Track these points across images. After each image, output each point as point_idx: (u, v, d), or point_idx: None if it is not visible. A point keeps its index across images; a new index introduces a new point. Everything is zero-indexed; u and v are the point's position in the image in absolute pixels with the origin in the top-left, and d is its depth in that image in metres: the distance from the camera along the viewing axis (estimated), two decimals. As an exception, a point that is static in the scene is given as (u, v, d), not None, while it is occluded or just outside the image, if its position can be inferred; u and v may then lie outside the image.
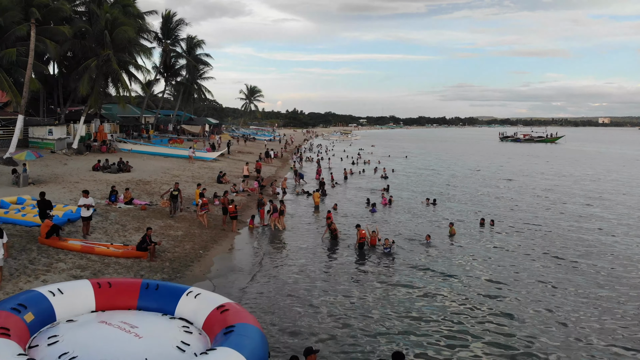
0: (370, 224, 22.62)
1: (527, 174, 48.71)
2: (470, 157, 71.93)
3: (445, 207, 29.02)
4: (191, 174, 34.89)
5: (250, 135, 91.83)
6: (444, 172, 49.93)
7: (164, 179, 31.18)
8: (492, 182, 41.84)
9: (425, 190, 36.11)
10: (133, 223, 19.85)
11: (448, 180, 42.81)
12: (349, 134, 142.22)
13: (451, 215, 26.60)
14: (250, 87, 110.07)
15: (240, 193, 29.42)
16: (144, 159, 40.32)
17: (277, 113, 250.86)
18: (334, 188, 35.93)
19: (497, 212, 27.52)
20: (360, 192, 34.73)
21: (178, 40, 58.06)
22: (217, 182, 32.48)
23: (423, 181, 41.89)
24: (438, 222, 24.83)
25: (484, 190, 36.40)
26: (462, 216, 26.40)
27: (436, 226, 23.78)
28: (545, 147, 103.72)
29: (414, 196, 33.06)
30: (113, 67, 37.76)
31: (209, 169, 38.85)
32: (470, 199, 32.18)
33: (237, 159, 50.48)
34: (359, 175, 45.52)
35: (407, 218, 25.47)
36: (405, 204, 29.84)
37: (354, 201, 30.90)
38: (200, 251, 17.29)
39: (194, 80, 69.85)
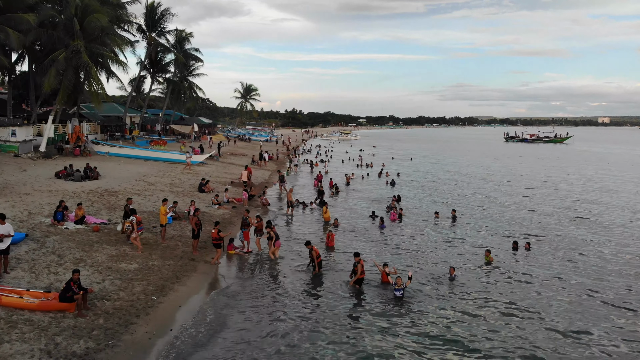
0: (383, 263, 18.04)
1: (546, 180, 44.22)
2: (478, 160, 67.42)
3: (464, 222, 24.46)
4: (170, 181, 30.37)
5: (245, 135, 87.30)
6: (454, 177, 45.39)
7: (135, 188, 26.66)
8: (510, 190, 37.23)
9: (439, 200, 31.61)
10: (75, 252, 15.33)
11: (461, 187, 38.28)
12: (348, 134, 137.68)
13: (472, 234, 22.08)
14: (246, 86, 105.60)
15: (223, 205, 24.88)
16: (121, 163, 35.83)
17: (276, 113, 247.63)
18: (333, 197, 31.44)
19: (527, 231, 22.99)
20: (364, 201, 30.23)
21: (164, 33, 53.52)
22: (198, 191, 27.99)
23: (433, 189, 37.34)
24: (461, 244, 20.31)
25: (504, 200, 31.70)
26: (487, 236, 21.87)
27: (460, 251, 19.25)
28: (554, 148, 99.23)
29: (425, 207, 28.56)
30: (83, 59, 33.16)
31: (193, 175, 34.34)
32: (490, 213, 27.55)
33: (228, 162, 46.01)
34: (362, 180, 41.03)
35: (423, 240, 20.82)
36: (417, 217, 25.27)
37: (358, 212, 26.40)
38: (153, 296, 12.75)
39: (183, 77, 65.37)
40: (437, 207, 28.03)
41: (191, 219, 17.15)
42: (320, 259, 15.90)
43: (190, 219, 17.15)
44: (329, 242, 18.69)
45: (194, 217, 17.21)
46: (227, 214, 23.51)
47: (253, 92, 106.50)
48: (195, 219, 16.94)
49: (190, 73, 65.94)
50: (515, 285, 15.29)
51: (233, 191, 29.71)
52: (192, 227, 16.87)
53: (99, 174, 28.56)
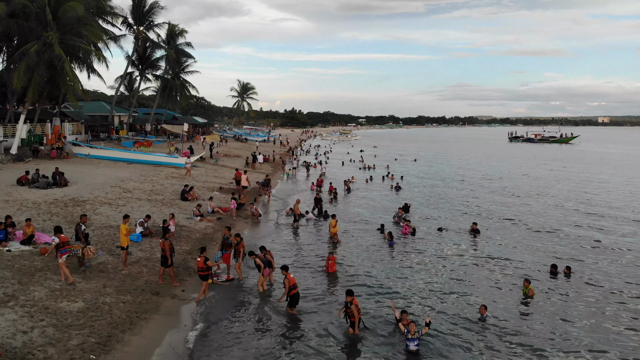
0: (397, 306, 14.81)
1: (564, 181, 41.01)
2: (486, 161, 64.20)
3: (487, 237, 21.18)
4: (151, 188, 27.12)
5: (241, 135, 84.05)
6: (464, 180, 42.14)
7: (108, 196, 23.41)
8: (535, 197, 33.88)
9: (453, 209, 28.37)
10: (8, 285, 12.08)
11: (475, 193, 35.02)
12: (348, 134, 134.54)
13: (500, 252, 18.84)
14: (242, 84, 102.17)
15: (207, 217, 21.62)
16: (100, 167, 32.59)
17: (275, 113, 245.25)
18: (332, 203, 28.23)
19: (565, 249, 19.77)
20: (368, 210, 26.99)
21: (152, 27, 50.13)
22: (181, 199, 24.76)
23: (444, 195, 34.04)
24: (490, 268, 17.04)
25: (530, 210, 28.24)
26: (518, 255, 18.63)
27: (490, 278, 15.98)
28: (561, 149, 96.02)
29: (437, 217, 25.32)
30: (55, 52, 29.91)
31: (178, 179, 31.12)
32: (517, 225, 24.22)
33: (220, 165, 42.78)
34: (365, 184, 37.80)
35: (442, 263, 17.44)
36: (430, 231, 21.96)
37: (361, 223, 23.16)
38: (92, 355, 9.48)
39: (176, 74, 62.10)
40: (453, 218, 24.83)
41: (162, 243, 13.84)
42: (297, 290, 12.49)
43: (161, 243, 13.84)
44: (329, 267, 15.44)
45: (165, 240, 13.83)
46: (209, 227, 20.22)
47: (250, 91, 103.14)
48: (167, 243, 13.62)
49: (182, 70, 62.69)
50: (567, 330, 12.07)
51: (221, 199, 26.48)
52: (164, 252, 13.52)
53: (67, 180, 25.24)
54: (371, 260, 17.24)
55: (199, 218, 20.94)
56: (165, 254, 13.47)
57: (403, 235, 20.43)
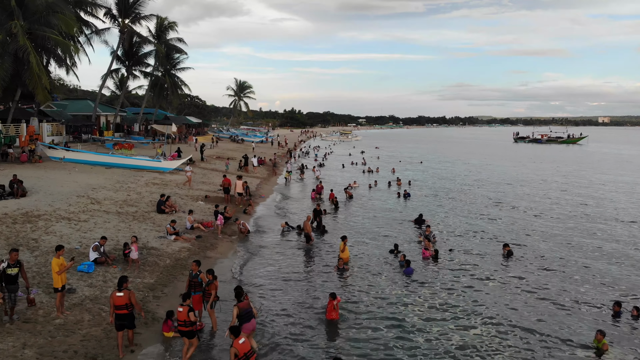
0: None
1: (600, 187, 37.52)
2: (498, 164, 60.65)
3: (524, 261, 17.62)
4: (125, 197, 23.57)
5: (237, 136, 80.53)
6: (479, 186, 38.60)
7: (70, 209, 19.89)
8: (569, 208, 30.11)
9: (473, 223, 24.86)
10: None
11: (493, 199, 31.50)
12: (348, 134, 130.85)
13: (547, 283, 15.28)
14: (239, 82, 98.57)
15: (183, 235, 18.05)
16: (73, 172, 29.07)
17: (275, 113, 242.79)
18: (332, 214, 24.75)
19: (627, 278, 16.23)
20: (375, 222, 23.44)
21: (139, 19, 46.50)
22: (157, 212, 21.23)
23: (459, 203, 30.51)
24: (540, 308, 13.48)
25: (568, 225, 24.49)
26: (570, 285, 15.11)
27: (544, 321, 12.44)
28: (570, 150, 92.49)
29: (458, 232, 21.82)
30: (20, 43, 26.40)
31: (159, 186, 27.60)
32: (558, 244, 20.39)
33: (209, 168, 39.19)
34: (368, 191, 34.26)
35: (476, 299, 13.79)
36: (455, 256, 18.34)
37: (368, 241, 19.68)
38: None
39: (167, 71, 58.58)
40: (476, 234, 21.28)
41: (112, 298, 9.56)
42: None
43: (112, 298, 9.56)
44: (329, 311, 11.82)
45: (123, 292, 9.52)
46: (185, 250, 16.66)
47: (247, 90, 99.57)
48: (132, 297, 9.62)
49: (173, 67, 59.18)
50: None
51: (205, 210, 22.95)
52: (127, 309, 9.54)
53: (26, 190, 21.69)
54: (384, 298, 13.63)
55: (174, 237, 17.41)
56: (124, 311, 9.59)
57: (423, 258, 16.86)
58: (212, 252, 16.86)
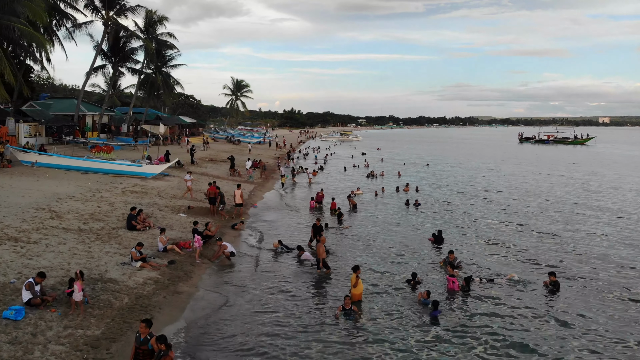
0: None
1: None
2: (505, 165, 57.34)
3: (573, 293, 14.37)
4: (94, 209, 20.30)
5: (233, 137, 77.25)
6: (496, 192, 35.31)
7: (22, 227, 16.63)
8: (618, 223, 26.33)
9: (496, 238, 21.61)
10: None
11: (516, 210, 28.25)
12: (349, 134, 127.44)
13: (605, 323, 12.07)
14: (236, 81, 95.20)
15: (151, 262, 14.67)
16: (43, 178, 25.84)
17: (274, 113, 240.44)
18: (331, 228, 21.51)
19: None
20: (385, 237, 20.17)
21: (124, 11, 43.10)
22: (127, 228, 17.98)
23: (474, 213, 27.27)
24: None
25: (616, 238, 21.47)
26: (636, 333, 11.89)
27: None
28: (578, 151, 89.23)
29: (485, 251, 18.59)
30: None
31: (138, 195, 24.37)
32: (617, 269, 17.32)
33: (201, 172, 35.84)
34: (374, 198, 30.98)
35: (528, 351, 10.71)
36: (488, 286, 14.93)
37: (379, 262, 16.45)
38: None
39: (157, 69, 55.32)
40: (509, 254, 18.01)
41: None
42: None
43: None
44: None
45: None
46: (150, 282, 13.31)
47: (244, 89, 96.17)
48: None
49: (165, 64, 55.89)
50: None
51: (185, 225, 19.65)
52: None
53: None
54: (400, 349, 10.39)
55: (140, 264, 14.14)
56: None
57: (448, 291, 13.58)
58: (185, 284, 13.57)
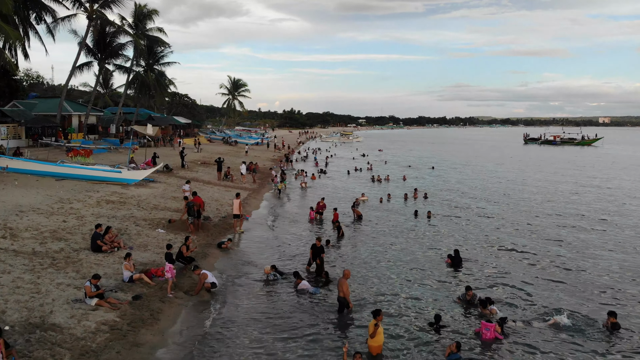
0: None
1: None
2: (518, 168, 54.43)
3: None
4: (57, 226, 17.40)
5: (230, 137, 74.38)
6: (510, 196, 32.43)
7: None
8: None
9: (527, 258, 18.75)
10: None
11: (542, 220, 25.38)
12: (350, 135, 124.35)
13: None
14: (233, 80, 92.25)
15: (109, 299, 11.64)
16: (8, 187, 22.95)
17: (274, 113, 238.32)
18: (335, 246, 18.66)
19: None
20: (397, 262, 17.32)
21: (110, 4, 40.17)
22: (91, 249, 15.11)
23: (494, 225, 24.41)
24: None
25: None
26: None
27: None
28: (587, 152, 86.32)
29: (515, 277, 15.72)
30: None
31: (114, 205, 21.48)
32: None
33: (190, 177, 32.92)
34: (379, 205, 28.10)
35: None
36: (540, 329, 11.98)
37: (392, 294, 13.62)
38: None
39: (149, 66, 52.47)
40: (547, 278, 15.14)
41: None
42: None
43: None
44: None
45: None
46: (105, 328, 10.34)
47: (242, 88, 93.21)
48: None
49: (157, 61, 53.02)
50: None
51: (163, 244, 16.76)
52: None
53: None
54: None
55: (95, 301, 11.26)
56: None
57: (484, 341, 10.67)
58: (149, 330, 10.64)
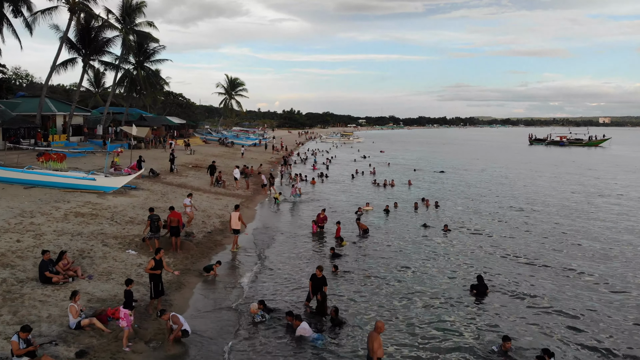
0: None
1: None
2: (531, 172, 51.59)
3: None
4: (5, 249, 14.53)
5: (226, 138, 71.57)
6: (532, 203, 29.61)
7: None
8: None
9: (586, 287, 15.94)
10: None
11: (581, 238, 22.57)
12: (350, 136, 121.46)
13: None
14: (230, 79, 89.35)
15: (43, 357, 8.62)
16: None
17: (273, 113, 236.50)
18: (336, 273, 15.85)
19: None
20: (411, 294, 14.52)
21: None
22: (39, 281, 12.29)
23: (525, 241, 21.61)
24: None
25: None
26: None
27: None
28: (597, 153, 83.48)
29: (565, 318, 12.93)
30: None
31: (84, 219, 18.65)
32: None
33: (177, 184, 30.07)
34: (385, 216, 25.27)
35: None
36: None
37: (410, 338, 10.86)
38: None
39: (139, 64, 49.66)
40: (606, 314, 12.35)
41: None
42: None
43: None
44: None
45: None
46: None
47: (239, 88, 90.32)
48: None
49: (147, 58, 50.20)
50: None
51: (131, 269, 13.89)
52: None
53: None
54: None
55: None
56: None
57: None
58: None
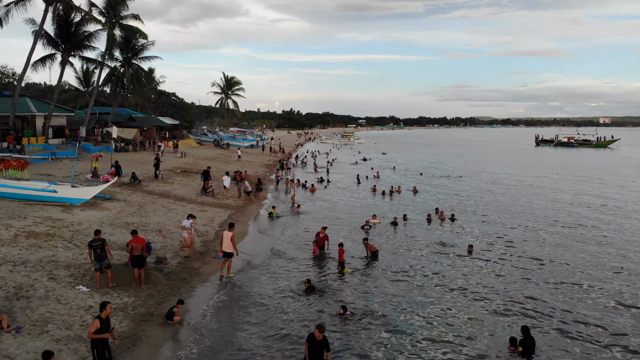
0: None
1: None
2: (548, 176, 48.35)
3: None
4: None
5: (222, 140, 68.35)
6: (580, 218, 26.38)
7: None
8: None
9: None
10: None
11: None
12: (350, 136, 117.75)
13: None
14: (227, 78, 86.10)
15: None
16: None
17: (273, 113, 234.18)
18: (345, 319, 12.64)
19: None
20: (428, 347, 11.35)
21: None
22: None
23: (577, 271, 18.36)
24: None
25: None
26: None
27: None
28: (607, 155, 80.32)
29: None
30: None
31: (35, 242, 15.41)
32: None
33: (159, 192, 26.73)
34: (394, 229, 22.04)
35: None
36: None
37: None
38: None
39: (126, 60, 46.47)
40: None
41: None
42: None
43: None
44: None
45: None
46: None
47: (236, 87, 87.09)
48: None
49: (135, 55, 47.00)
50: None
51: (74, 317, 10.69)
52: None
53: None
54: None
55: None
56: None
57: None
58: None
